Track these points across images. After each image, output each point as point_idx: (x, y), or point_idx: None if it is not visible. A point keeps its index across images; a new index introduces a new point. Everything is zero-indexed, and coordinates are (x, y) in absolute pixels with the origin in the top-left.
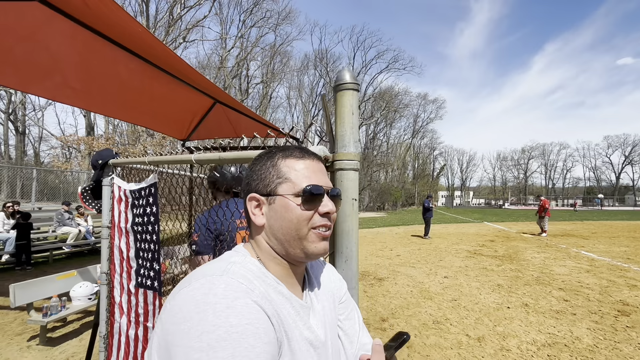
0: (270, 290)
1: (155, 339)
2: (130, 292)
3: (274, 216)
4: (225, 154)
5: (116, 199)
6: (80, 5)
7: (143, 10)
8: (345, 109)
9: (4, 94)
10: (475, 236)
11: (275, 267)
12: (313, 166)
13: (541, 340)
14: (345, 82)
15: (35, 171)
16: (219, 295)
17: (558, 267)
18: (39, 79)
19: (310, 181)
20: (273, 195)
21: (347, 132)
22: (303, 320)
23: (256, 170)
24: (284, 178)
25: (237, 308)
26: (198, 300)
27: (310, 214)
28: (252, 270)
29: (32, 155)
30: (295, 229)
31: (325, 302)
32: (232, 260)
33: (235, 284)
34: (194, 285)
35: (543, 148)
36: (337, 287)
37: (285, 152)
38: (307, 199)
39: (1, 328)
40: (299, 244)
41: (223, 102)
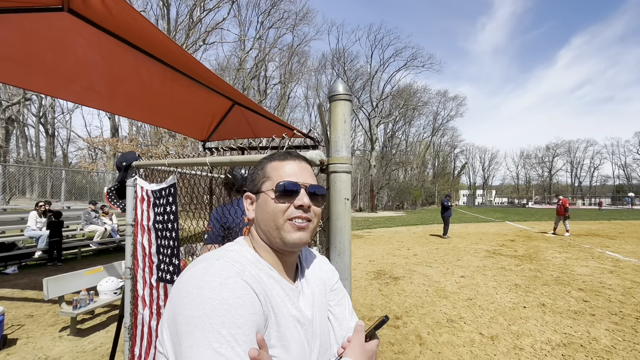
0: (262, 274)
1: (165, 312)
2: (152, 285)
3: (258, 210)
4: (235, 157)
5: (139, 199)
6: (104, 13)
7: (164, 13)
8: (338, 117)
9: (35, 98)
10: (495, 236)
11: (267, 255)
12: (294, 166)
13: (556, 340)
14: (338, 94)
15: (64, 172)
16: (214, 275)
17: (579, 267)
18: (66, 84)
19: (290, 178)
20: (259, 193)
21: (339, 139)
22: (292, 300)
23: (251, 174)
24: (266, 177)
25: (229, 285)
26: (197, 278)
27: (285, 206)
28: (247, 257)
29: (60, 157)
30: (272, 220)
31: (316, 288)
32: (230, 248)
33: (229, 266)
34: (196, 267)
35: (569, 145)
36: (328, 276)
37: (273, 156)
38: (281, 194)
39: (36, 319)
40: (277, 234)
41: (241, 104)
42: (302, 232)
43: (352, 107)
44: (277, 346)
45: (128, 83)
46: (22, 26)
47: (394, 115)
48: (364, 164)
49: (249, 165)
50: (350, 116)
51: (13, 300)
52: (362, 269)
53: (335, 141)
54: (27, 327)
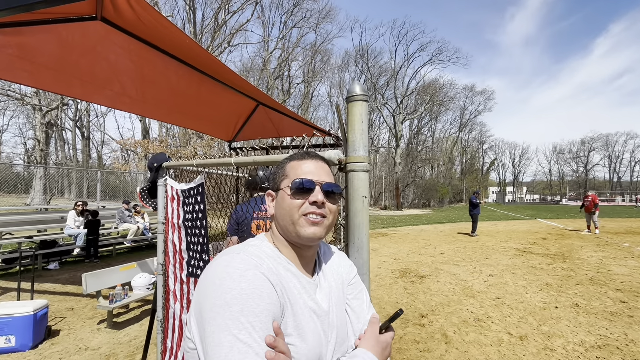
0: (279, 267)
1: (192, 302)
2: (183, 280)
3: (277, 206)
4: (258, 157)
5: (169, 198)
6: (135, 21)
7: (190, 17)
8: (355, 117)
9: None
10: (526, 234)
11: (285, 249)
12: (311, 165)
13: (590, 341)
14: (355, 94)
15: (99, 173)
16: (234, 267)
17: (617, 266)
18: (100, 89)
19: (306, 176)
20: (278, 190)
21: (357, 138)
22: (308, 293)
23: (273, 172)
24: (285, 175)
25: (248, 277)
26: (220, 270)
27: (300, 202)
28: (266, 252)
29: (95, 158)
30: (288, 215)
31: (333, 282)
32: (251, 243)
33: (248, 260)
34: (219, 260)
35: (606, 138)
36: (346, 271)
37: (293, 156)
38: (297, 190)
39: (76, 312)
40: (293, 228)
41: (265, 104)
42: (317, 227)
43: (368, 107)
44: (293, 335)
45: (157, 87)
46: (60, 36)
47: (419, 112)
48: (389, 162)
49: (270, 165)
50: (367, 116)
51: (55, 294)
52: (387, 267)
53: (353, 141)
54: (68, 320)
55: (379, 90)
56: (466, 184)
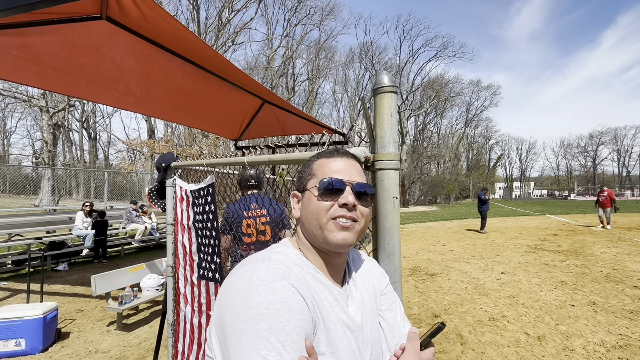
0: (308, 277)
1: (213, 315)
2: (194, 283)
3: (303, 208)
4: (274, 156)
5: (178, 199)
6: (140, 19)
7: (194, 17)
8: (384, 110)
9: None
10: (536, 230)
11: (313, 256)
12: (341, 163)
13: (611, 341)
14: (383, 86)
15: (106, 173)
16: (260, 278)
17: (633, 263)
18: (105, 89)
19: (335, 175)
20: (304, 191)
21: (386, 134)
22: (340, 305)
23: (299, 171)
24: (312, 174)
25: (276, 289)
26: (244, 281)
27: (329, 204)
28: (293, 259)
29: (102, 159)
30: (315, 219)
31: (365, 292)
32: (276, 250)
33: (275, 269)
34: (242, 270)
35: (615, 132)
36: (378, 280)
37: (320, 153)
38: (324, 191)
39: (86, 314)
40: (320, 233)
41: (271, 102)
42: (347, 232)
43: (398, 100)
44: (326, 353)
45: (163, 86)
46: (66, 36)
47: (424, 108)
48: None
49: (288, 164)
50: (397, 109)
51: (65, 295)
52: None
53: (382, 136)
54: (78, 322)
55: None
56: (472, 180)
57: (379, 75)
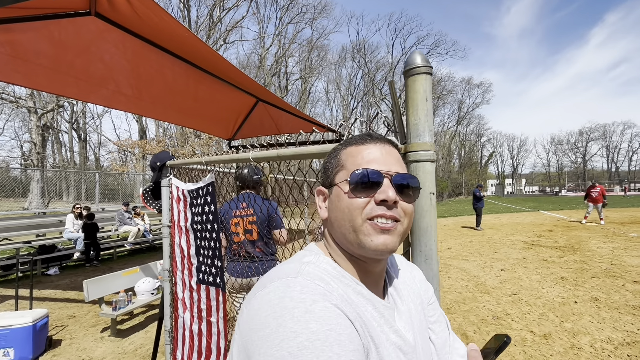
0: (349, 291)
1: (235, 345)
2: (192, 288)
3: (331, 207)
4: (283, 151)
5: (175, 199)
6: (130, 14)
7: (185, 16)
8: (418, 95)
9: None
10: (531, 226)
11: (347, 264)
12: (375, 150)
13: (618, 338)
14: (417, 66)
15: (97, 175)
16: (295, 299)
17: (630, 258)
18: (95, 88)
19: (369, 165)
20: (332, 186)
21: (421, 120)
22: (389, 323)
23: (324, 164)
24: (340, 166)
25: (317, 312)
26: (274, 304)
27: (363, 202)
28: (328, 270)
29: (93, 160)
30: (347, 220)
31: (411, 303)
32: (306, 260)
33: (312, 286)
34: (269, 288)
35: (604, 129)
36: (423, 288)
37: (349, 140)
38: (356, 185)
39: (78, 320)
40: (354, 237)
41: (265, 100)
42: (387, 235)
43: (431, 82)
44: None
45: (154, 84)
46: (53, 33)
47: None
48: None
49: (298, 159)
50: (432, 93)
51: (56, 301)
52: None
53: (416, 124)
54: (70, 328)
55: (376, 85)
56: (465, 177)
57: (412, 55)
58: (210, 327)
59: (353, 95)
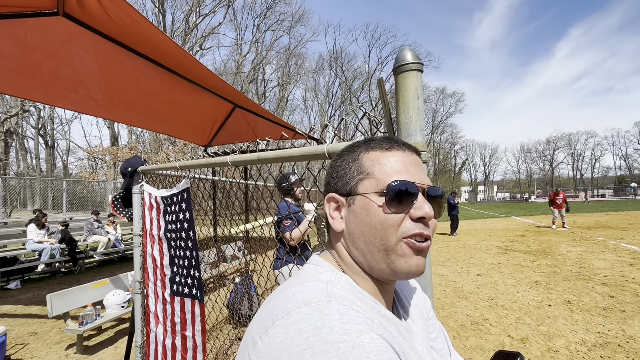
0: (376, 315)
1: None
2: (166, 300)
3: (354, 220)
4: (265, 154)
5: (147, 206)
6: (101, 16)
7: (160, 21)
8: (409, 92)
9: (33, 110)
10: (504, 231)
11: (365, 283)
12: (405, 158)
13: (591, 340)
14: (407, 63)
15: (65, 182)
16: (337, 331)
17: (597, 260)
18: (64, 93)
19: (400, 176)
20: (353, 195)
21: (412, 120)
22: (413, 348)
23: (336, 167)
24: (365, 174)
25: (366, 347)
26: (309, 337)
27: (399, 218)
28: (351, 291)
29: (61, 168)
30: (379, 238)
31: (419, 321)
32: (325, 278)
33: (352, 314)
34: (296, 315)
35: (569, 138)
36: (422, 301)
37: (370, 143)
38: (393, 199)
39: (40, 337)
40: (384, 258)
41: (242, 107)
42: (422, 256)
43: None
44: None
45: (126, 89)
46: (17, 35)
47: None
48: None
49: (280, 162)
50: (423, 91)
51: (16, 317)
52: None
53: (407, 123)
54: (31, 346)
55: (354, 93)
56: (440, 184)
57: (402, 52)
58: (185, 341)
59: (331, 103)
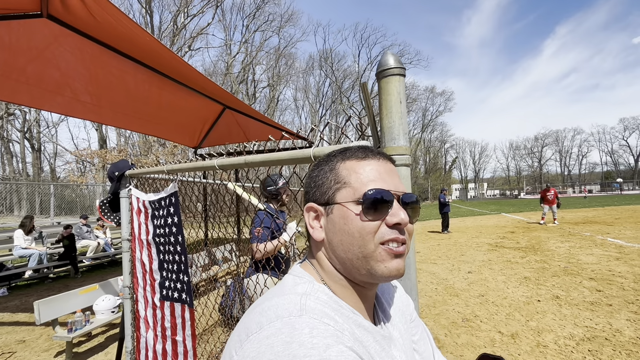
0: (352, 325)
1: None
2: (155, 305)
3: (332, 229)
4: (251, 157)
5: (135, 211)
6: (86, 17)
7: (147, 22)
8: (392, 97)
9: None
10: (494, 228)
11: (344, 291)
12: (380, 167)
13: (579, 334)
14: (389, 67)
15: (52, 186)
16: (306, 345)
17: (585, 255)
18: (50, 96)
19: (375, 184)
20: (331, 204)
21: (395, 123)
22: (389, 355)
23: (314, 177)
24: (342, 183)
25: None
26: (279, 351)
27: (376, 225)
28: (326, 302)
29: (48, 172)
30: (358, 245)
31: (400, 324)
32: (300, 291)
33: (322, 327)
34: (268, 330)
35: (557, 135)
36: (405, 303)
37: (346, 153)
38: (370, 207)
39: (28, 344)
40: (364, 264)
41: (232, 107)
42: (400, 259)
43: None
44: None
45: (114, 91)
46: (2, 39)
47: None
48: None
49: (267, 166)
50: (405, 95)
51: (3, 325)
52: None
53: (390, 127)
54: (18, 355)
55: (344, 93)
56: (430, 183)
57: (384, 57)
58: (176, 346)
59: (321, 103)
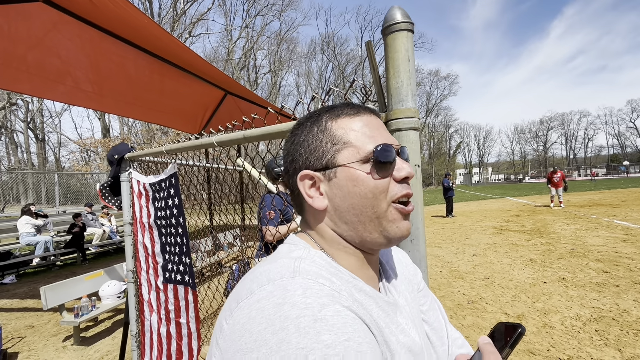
0: (351, 289)
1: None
2: (159, 288)
3: (339, 194)
4: (250, 132)
5: (136, 194)
6: (83, 2)
7: (147, 8)
8: (399, 54)
9: (21, 103)
10: (499, 212)
11: (347, 258)
12: (373, 122)
13: (586, 315)
14: (396, 22)
15: (57, 176)
16: (298, 305)
17: (591, 238)
18: (51, 84)
19: (377, 140)
20: (332, 168)
21: (403, 84)
22: (395, 322)
23: (300, 142)
24: (342, 143)
25: (328, 320)
26: (270, 314)
27: (386, 182)
28: (322, 266)
29: (53, 161)
30: (371, 206)
31: (407, 293)
32: (295, 255)
33: (317, 287)
34: (259, 294)
35: (562, 118)
36: (412, 273)
37: (334, 111)
38: (379, 164)
39: (37, 329)
40: (377, 226)
41: (234, 93)
42: (408, 220)
43: (412, 42)
44: None
45: (115, 78)
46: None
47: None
48: None
49: (268, 139)
50: (414, 53)
51: (12, 311)
52: None
53: (398, 88)
54: (28, 339)
55: (347, 78)
56: (435, 168)
57: (390, 11)
58: (180, 328)
59: (324, 88)
